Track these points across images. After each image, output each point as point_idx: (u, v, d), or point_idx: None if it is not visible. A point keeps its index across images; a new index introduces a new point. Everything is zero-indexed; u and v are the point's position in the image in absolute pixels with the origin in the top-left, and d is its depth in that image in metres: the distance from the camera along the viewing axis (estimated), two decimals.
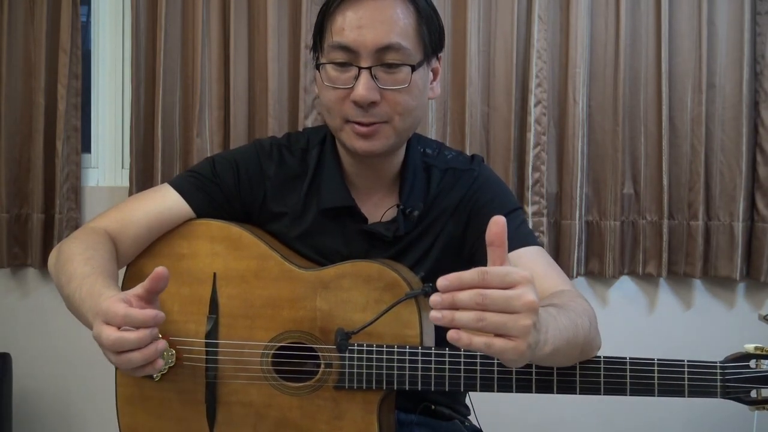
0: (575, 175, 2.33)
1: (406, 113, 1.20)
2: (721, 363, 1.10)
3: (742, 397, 1.11)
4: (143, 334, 0.95)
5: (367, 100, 1.16)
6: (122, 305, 0.96)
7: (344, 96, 1.18)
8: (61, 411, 2.57)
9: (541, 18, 2.34)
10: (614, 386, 1.10)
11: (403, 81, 1.17)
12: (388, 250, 1.28)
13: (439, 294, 0.82)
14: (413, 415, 1.33)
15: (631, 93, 2.35)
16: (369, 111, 1.17)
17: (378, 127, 1.19)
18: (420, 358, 1.15)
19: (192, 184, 1.31)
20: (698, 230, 2.31)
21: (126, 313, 0.95)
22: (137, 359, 0.96)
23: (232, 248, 1.25)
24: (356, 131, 1.19)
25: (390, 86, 1.17)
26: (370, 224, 1.29)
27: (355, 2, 1.16)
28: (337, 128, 1.23)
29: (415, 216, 1.27)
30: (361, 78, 1.16)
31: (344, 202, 1.28)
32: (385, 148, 1.21)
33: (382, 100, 1.17)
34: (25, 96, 2.49)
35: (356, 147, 1.20)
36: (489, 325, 0.81)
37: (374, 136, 1.19)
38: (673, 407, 2.39)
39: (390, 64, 1.16)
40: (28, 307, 2.57)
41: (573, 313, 1.03)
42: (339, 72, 1.18)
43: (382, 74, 1.17)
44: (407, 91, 1.18)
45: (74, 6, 2.45)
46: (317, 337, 1.20)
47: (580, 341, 1.04)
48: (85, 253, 1.17)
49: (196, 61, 2.40)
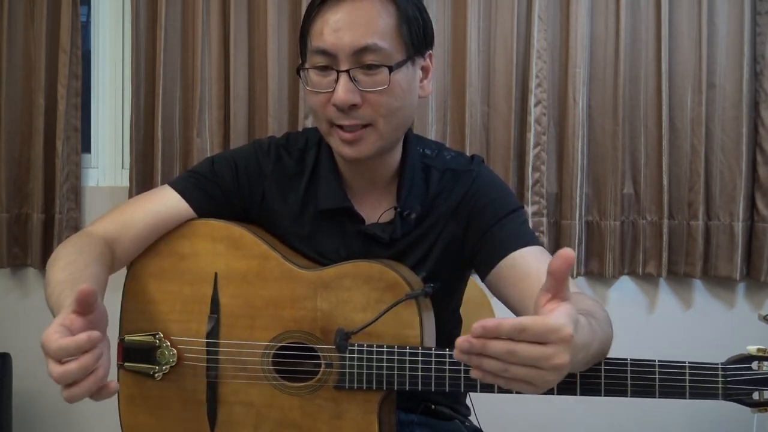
0: (575, 175, 2.33)
1: (389, 115, 1.18)
2: (722, 365, 1.10)
3: (743, 399, 1.10)
4: (85, 362, 0.92)
5: (346, 103, 1.15)
6: (55, 336, 0.92)
7: (327, 100, 1.17)
8: (61, 411, 2.57)
9: (541, 18, 2.34)
10: (615, 388, 1.10)
11: (382, 82, 1.16)
12: (386, 251, 1.28)
13: (469, 339, 0.83)
14: (414, 415, 1.33)
15: (631, 93, 2.35)
16: (351, 114, 1.17)
17: (362, 132, 1.18)
18: (420, 358, 1.15)
19: (191, 184, 1.31)
20: (698, 230, 2.31)
21: (58, 346, 0.92)
22: (79, 393, 0.93)
23: (233, 248, 1.25)
24: (341, 137, 1.19)
25: (370, 88, 1.16)
26: (367, 225, 1.28)
27: (334, 6, 1.16)
28: (325, 133, 1.23)
29: (412, 218, 1.26)
30: (340, 81, 1.15)
31: (340, 204, 1.28)
32: (371, 152, 1.20)
33: (363, 102, 1.16)
34: (25, 96, 2.49)
35: (343, 153, 1.21)
36: (513, 376, 0.84)
37: (359, 142, 1.19)
38: (673, 408, 2.39)
39: (369, 66, 1.15)
40: (28, 307, 2.57)
41: (601, 324, 1.03)
42: (320, 76, 1.18)
43: (362, 76, 1.16)
44: (388, 92, 1.17)
45: (74, 6, 2.45)
46: (318, 337, 1.20)
47: (605, 351, 1.06)
48: (68, 257, 1.16)
49: (196, 61, 2.40)
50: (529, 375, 0.83)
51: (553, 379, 0.84)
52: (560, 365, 0.82)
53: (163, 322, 1.25)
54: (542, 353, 0.82)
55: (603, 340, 1.02)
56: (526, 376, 0.83)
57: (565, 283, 0.85)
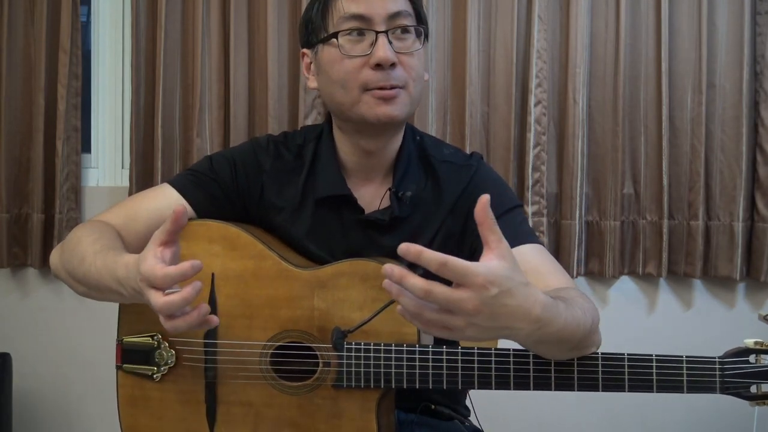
0: (575, 175, 2.33)
1: (418, 79, 1.24)
2: (720, 358, 1.10)
3: (741, 393, 1.10)
4: (187, 294, 0.93)
5: (388, 61, 1.19)
6: (159, 266, 0.95)
7: (362, 64, 1.21)
8: (61, 411, 2.58)
9: (541, 18, 2.34)
10: (612, 382, 1.10)
11: (414, 46, 1.23)
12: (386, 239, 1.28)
13: (394, 266, 0.82)
14: (413, 415, 1.33)
15: (631, 93, 2.35)
16: (390, 75, 1.20)
17: (398, 91, 1.22)
18: (417, 356, 1.15)
19: (191, 182, 1.32)
20: (698, 230, 2.31)
21: (164, 274, 0.94)
22: (183, 325, 0.96)
23: (229, 248, 1.25)
24: (378, 96, 1.21)
25: (404, 50, 1.22)
26: (366, 214, 1.29)
27: None
28: (352, 102, 1.23)
29: (408, 197, 1.27)
30: (379, 41, 1.20)
31: (339, 191, 1.29)
32: (403, 114, 1.24)
33: (398, 64, 1.21)
34: (25, 96, 2.49)
35: (378, 114, 1.21)
36: (425, 321, 0.84)
37: (395, 100, 1.22)
38: (674, 405, 2.39)
39: (403, 30, 1.22)
40: (28, 307, 2.57)
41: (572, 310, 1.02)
42: (354, 42, 1.21)
43: (396, 40, 1.22)
44: (418, 57, 1.24)
45: (74, 6, 2.45)
46: (315, 336, 1.20)
47: (577, 338, 1.04)
48: (92, 235, 1.19)
49: (196, 61, 2.40)
50: (441, 320, 0.83)
51: (463, 326, 0.83)
52: (470, 310, 0.82)
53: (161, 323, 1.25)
54: (455, 296, 0.82)
55: (571, 324, 0.99)
56: (438, 321, 0.84)
57: (492, 230, 0.84)
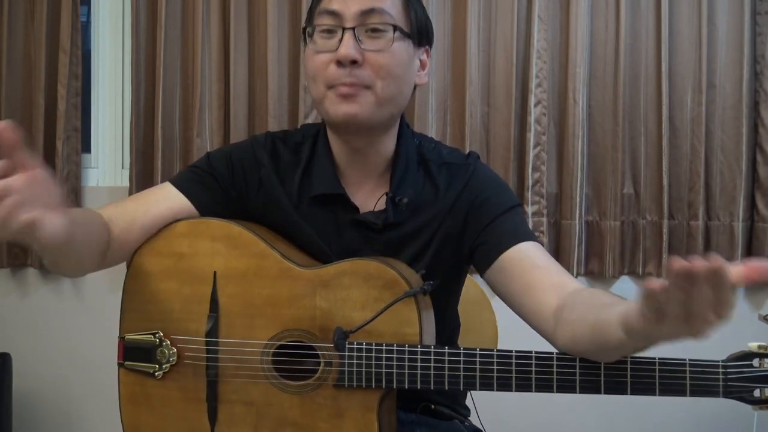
0: (575, 175, 2.33)
1: (388, 78, 1.21)
2: (723, 362, 1.10)
3: (744, 397, 1.09)
4: None
5: (348, 58, 1.18)
6: None
7: (328, 60, 1.20)
8: (61, 411, 2.57)
9: (541, 18, 2.34)
10: (615, 385, 1.10)
11: (385, 45, 1.20)
12: (381, 240, 1.28)
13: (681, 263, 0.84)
14: (414, 415, 1.33)
15: (631, 93, 2.35)
16: (351, 72, 1.19)
17: (359, 89, 1.20)
18: (419, 356, 1.15)
19: (190, 178, 1.32)
20: (698, 230, 2.31)
21: None
22: None
23: (231, 247, 1.25)
24: (338, 93, 1.20)
25: (373, 49, 1.20)
26: (360, 214, 1.29)
27: None
28: (320, 98, 1.24)
29: (404, 203, 1.27)
30: (344, 38, 1.19)
31: (333, 190, 1.29)
32: (366, 114, 1.21)
33: (364, 62, 1.19)
34: (25, 96, 2.49)
35: (338, 111, 1.21)
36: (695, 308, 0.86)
37: (355, 98, 1.20)
38: (673, 406, 2.39)
39: (374, 30, 1.20)
40: (28, 307, 2.57)
41: None
42: (325, 38, 1.22)
43: (366, 38, 1.20)
44: (390, 55, 1.21)
45: (74, 6, 2.45)
46: (317, 336, 1.20)
47: None
48: None
49: (196, 61, 2.40)
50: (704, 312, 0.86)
51: None
52: None
53: (162, 321, 1.26)
54: None
55: None
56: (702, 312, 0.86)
57: None
